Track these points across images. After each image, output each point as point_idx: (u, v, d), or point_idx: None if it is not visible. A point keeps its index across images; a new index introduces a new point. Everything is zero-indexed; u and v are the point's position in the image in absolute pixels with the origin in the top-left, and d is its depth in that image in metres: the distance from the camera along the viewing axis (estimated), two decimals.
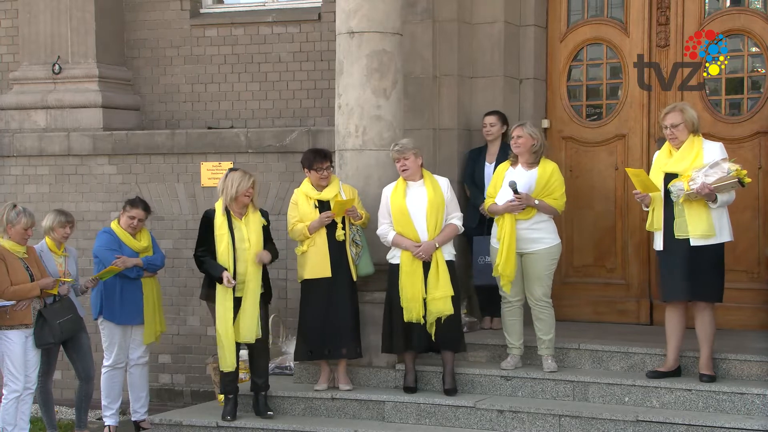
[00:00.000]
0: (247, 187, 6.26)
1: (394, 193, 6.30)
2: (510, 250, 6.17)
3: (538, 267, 6.25)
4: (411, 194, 6.28)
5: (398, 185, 6.33)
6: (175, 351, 8.12)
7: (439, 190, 6.30)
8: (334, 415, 6.36)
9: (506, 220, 6.20)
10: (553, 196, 6.29)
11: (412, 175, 6.28)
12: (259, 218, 6.39)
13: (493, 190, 6.40)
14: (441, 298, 6.16)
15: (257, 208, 6.42)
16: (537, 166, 6.35)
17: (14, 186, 8.47)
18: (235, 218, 6.32)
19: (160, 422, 6.48)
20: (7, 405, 6.43)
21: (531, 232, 6.24)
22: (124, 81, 8.60)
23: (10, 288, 6.36)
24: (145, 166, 8.30)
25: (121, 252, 6.90)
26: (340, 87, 6.73)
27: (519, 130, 6.32)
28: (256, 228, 6.34)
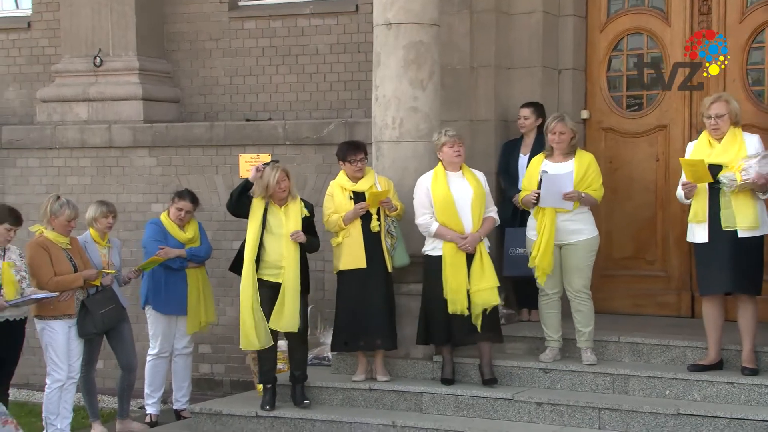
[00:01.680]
0: (274, 184, 6.26)
1: (435, 184, 6.27)
2: (548, 243, 6.13)
3: (577, 258, 6.20)
4: (454, 185, 6.26)
5: (438, 175, 6.30)
6: (215, 341, 8.20)
7: (480, 182, 6.30)
8: (372, 406, 6.38)
9: (547, 212, 6.17)
10: (593, 187, 6.25)
11: (458, 164, 6.26)
12: (299, 207, 6.42)
13: (528, 182, 6.36)
14: (487, 289, 6.15)
15: (296, 197, 6.44)
16: (572, 157, 6.30)
17: (57, 177, 8.59)
18: (274, 205, 6.36)
19: (200, 411, 6.55)
20: (50, 394, 6.54)
21: (570, 224, 6.20)
22: (163, 73, 8.68)
23: (53, 279, 6.46)
24: (185, 158, 8.38)
25: (166, 243, 6.97)
26: (377, 78, 6.74)
27: (561, 125, 6.25)
28: (296, 216, 6.36)
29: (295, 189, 6.47)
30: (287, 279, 6.28)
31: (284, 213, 6.35)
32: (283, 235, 6.30)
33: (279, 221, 6.32)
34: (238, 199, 6.38)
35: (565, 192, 6.12)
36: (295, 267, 6.29)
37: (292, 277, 6.28)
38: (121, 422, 6.97)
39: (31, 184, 8.64)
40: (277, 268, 6.29)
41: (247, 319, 6.25)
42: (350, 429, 6.17)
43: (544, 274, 6.19)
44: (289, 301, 6.26)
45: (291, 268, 6.29)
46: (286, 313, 6.26)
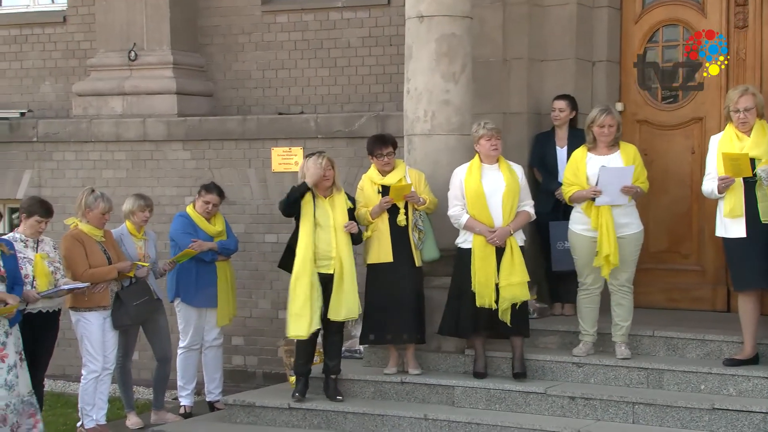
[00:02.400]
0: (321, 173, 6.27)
1: (468, 176, 6.25)
2: (615, 238, 6.05)
3: (626, 252, 6.14)
4: (487, 177, 6.24)
5: (473, 167, 6.28)
6: (248, 333, 8.26)
7: (515, 176, 6.25)
8: (404, 399, 6.39)
9: (603, 207, 6.09)
10: (640, 180, 6.19)
11: (495, 157, 6.23)
12: (344, 199, 6.43)
13: (573, 176, 6.28)
14: (517, 284, 6.12)
15: (341, 188, 6.45)
16: (617, 150, 6.24)
17: (92, 171, 8.68)
18: (319, 197, 6.38)
19: (234, 403, 6.60)
20: (86, 385, 6.62)
21: (620, 217, 6.13)
22: (197, 67, 8.74)
23: (88, 271, 6.54)
24: (218, 151, 8.43)
25: (196, 236, 7.03)
26: (409, 71, 6.72)
27: (610, 118, 6.17)
28: (342, 208, 6.38)
29: (340, 180, 6.47)
30: (343, 268, 6.29)
31: (330, 205, 6.37)
32: (331, 226, 6.31)
33: (326, 213, 6.34)
34: (297, 201, 6.36)
35: (625, 186, 6.05)
36: (349, 256, 6.31)
37: (347, 266, 6.30)
38: (156, 413, 7.04)
39: (67, 178, 8.74)
40: (327, 260, 6.31)
41: (303, 309, 6.23)
42: (382, 422, 6.18)
43: (611, 268, 6.11)
44: (348, 289, 6.28)
45: (345, 257, 6.31)
46: (346, 302, 6.27)
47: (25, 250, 6.37)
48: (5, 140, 8.89)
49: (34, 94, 9.17)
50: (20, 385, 6.02)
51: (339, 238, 6.30)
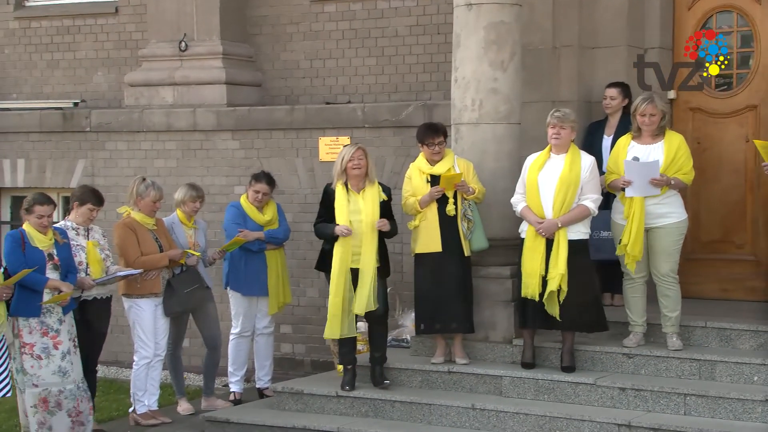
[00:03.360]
0: (349, 159, 6.30)
1: (532, 164, 6.21)
2: (639, 230, 5.99)
3: (666, 242, 6.06)
4: (548, 168, 6.17)
5: (540, 156, 6.22)
6: (296, 322, 8.31)
7: (577, 168, 6.12)
8: (451, 389, 6.38)
9: (635, 198, 6.02)
10: (683, 171, 6.08)
11: (560, 147, 6.15)
12: (376, 192, 6.43)
13: (613, 164, 6.23)
14: (561, 276, 6.05)
15: (374, 181, 6.46)
16: (661, 138, 6.14)
17: (144, 160, 8.79)
18: (352, 191, 6.39)
19: (282, 390, 6.66)
20: (138, 371, 6.74)
21: (659, 207, 6.06)
22: (246, 57, 8.79)
23: (140, 258, 6.64)
24: (266, 141, 8.48)
25: (245, 225, 7.08)
26: (457, 60, 6.69)
27: (651, 107, 6.09)
28: (373, 201, 6.38)
29: (374, 173, 6.48)
30: (364, 263, 6.30)
31: (362, 198, 6.38)
32: (361, 220, 6.32)
33: (357, 206, 6.35)
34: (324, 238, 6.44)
35: (653, 179, 5.97)
36: (372, 252, 6.32)
37: (369, 262, 6.31)
38: (207, 399, 7.13)
39: (119, 167, 8.86)
40: (356, 255, 6.33)
41: (337, 309, 6.29)
42: (429, 411, 6.19)
43: (634, 261, 6.06)
44: (365, 285, 6.29)
45: (368, 253, 6.32)
46: (362, 296, 6.29)
47: (78, 238, 6.49)
48: (59, 130, 9.04)
49: (87, 85, 9.31)
50: (75, 373, 6.16)
51: (366, 233, 6.30)
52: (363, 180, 6.39)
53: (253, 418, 6.46)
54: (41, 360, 6.02)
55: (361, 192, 6.39)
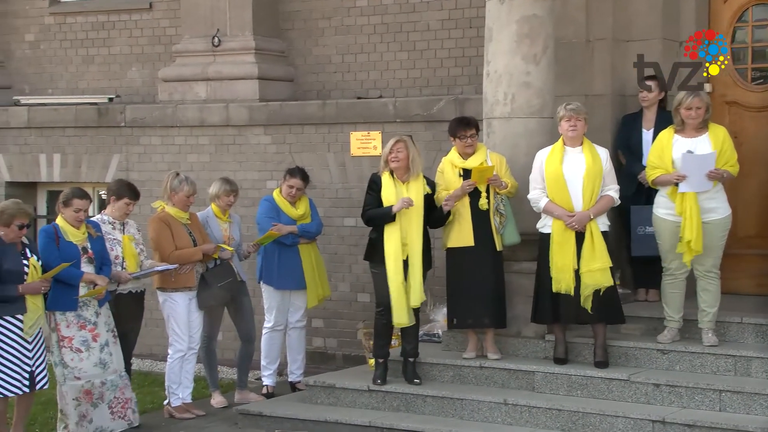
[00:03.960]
0: (388, 152, 6.30)
1: (549, 158, 6.17)
2: (699, 224, 5.92)
3: (712, 237, 6.00)
4: (568, 160, 6.14)
5: (555, 150, 6.19)
6: (328, 316, 8.34)
7: (598, 159, 6.14)
8: (483, 384, 6.37)
9: (687, 193, 5.95)
10: (730, 163, 6.02)
11: (576, 139, 6.13)
12: (421, 183, 6.42)
13: (657, 159, 6.14)
14: (599, 270, 6.02)
15: (418, 173, 6.44)
16: (705, 132, 6.07)
17: (177, 155, 8.85)
18: (397, 182, 6.40)
19: (315, 384, 6.69)
20: (172, 364, 6.80)
21: (708, 202, 5.99)
22: (278, 53, 8.81)
23: (174, 252, 6.70)
24: (298, 135, 8.50)
25: (279, 219, 7.12)
26: (489, 54, 6.66)
27: (698, 100, 6.02)
28: (417, 192, 6.38)
29: (418, 164, 6.45)
30: (413, 254, 6.30)
31: (406, 189, 6.38)
32: (407, 211, 6.31)
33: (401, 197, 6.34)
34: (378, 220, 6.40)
35: (710, 171, 5.91)
36: (419, 242, 6.32)
37: (417, 253, 6.31)
38: (240, 392, 7.19)
39: (153, 162, 8.93)
40: (404, 245, 6.33)
41: (399, 297, 6.28)
42: (461, 406, 6.18)
43: (692, 255, 5.98)
44: (416, 277, 6.30)
45: (416, 243, 6.31)
46: (415, 288, 6.29)
47: (114, 232, 6.56)
48: (94, 125, 9.13)
49: (122, 80, 9.40)
50: (116, 363, 6.24)
51: (412, 224, 6.29)
52: (406, 171, 6.39)
53: (286, 412, 6.50)
54: (81, 353, 6.11)
55: (406, 183, 6.40)
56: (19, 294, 5.83)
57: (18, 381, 5.86)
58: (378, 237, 6.37)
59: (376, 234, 6.42)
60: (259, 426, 6.48)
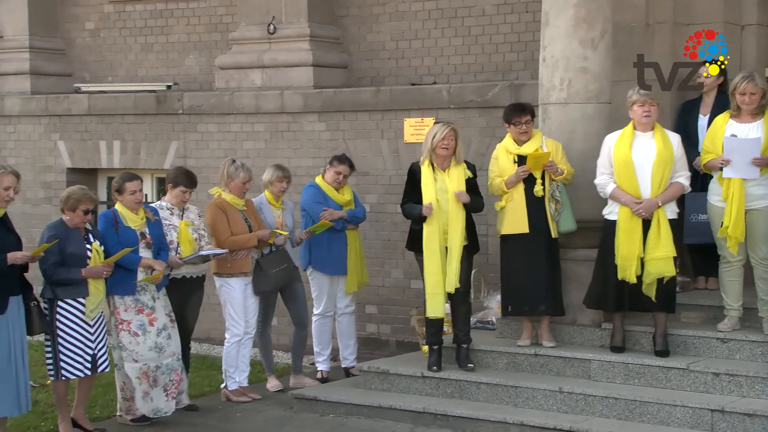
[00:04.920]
0: (441, 138, 6.28)
1: (618, 143, 6.08)
2: (740, 211, 5.83)
3: (764, 224, 5.88)
4: (638, 146, 6.04)
5: (624, 135, 6.10)
6: (381, 302, 8.37)
7: (670, 145, 6.02)
8: (538, 372, 6.34)
9: (733, 178, 5.85)
10: None
11: (648, 125, 6.04)
12: (462, 170, 6.41)
13: (710, 144, 6.05)
14: (662, 259, 5.94)
15: (461, 162, 6.43)
16: (761, 117, 5.93)
17: (233, 142, 8.95)
18: (438, 170, 6.38)
19: (368, 370, 6.72)
20: (229, 348, 6.89)
21: (759, 188, 5.88)
22: (333, 39, 8.83)
23: (230, 238, 6.78)
24: (352, 122, 8.52)
25: (326, 205, 7.16)
26: (545, 39, 6.59)
27: (752, 85, 5.90)
28: (459, 179, 6.37)
29: (462, 154, 6.45)
30: (452, 241, 6.30)
31: (447, 176, 6.36)
32: (448, 199, 6.31)
33: (443, 185, 6.34)
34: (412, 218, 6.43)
35: (754, 158, 5.78)
36: (459, 229, 6.31)
37: (457, 239, 6.30)
38: (295, 377, 7.25)
39: (210, 149, 9.03)
40: (445, 233, 6.32)
41: (435, 288, 6.30)
42: (515, 393, 6.16)
43: (737, 243, 5.89)
44: (454, 263, 6.29)
45: (456, 230, 6.31)
46: (451, 275, 6.30)
47: (171, 218, 6.66)
48: (153, 112, 9.26)
49: (180, 68, 9.52)
50: (173, 346, 6.35)
51: (453, 210, 6.27)
52: (449, 159, 6.38)
53: (340, 397, 6.55)
54: (138, 336, 6.23)
55: (447, 170, 6.38)
56: (81, 278, 5.96)
57: (80, 363, 5.99)
58: (420, 227, 6.37)
59: (417, 225, 6.43)
60: (313, 410, 6.54)
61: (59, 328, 5.94)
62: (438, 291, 6.30)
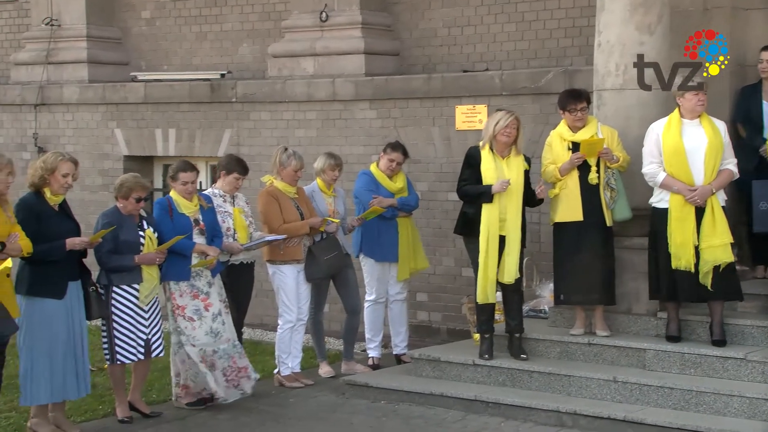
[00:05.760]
0: (504, 125, 6.24)
1: (667, 131, 6.00)
2: None
3: None
4: (687, 133, 5.96)
5: (672, 122, 6.01)
6: (432, 290, 8.36)
7: (718, 132, 5.95)
8: (591, 361, 6.28)
9: None
10: None
11: (698, 113, 5.94)
12: (521, 161, 6.37)
13: None
14: (720, 246, 5.85)
15: (520, 152, 6.38)
16: None
17: (286, 130, 8.99)
18: (497, 157, 6.35)
19: (419, 357, 6.73)
20: (282, 334, 6.96)
21: None
22: (384, 27, 8.81)
23: (282, 225, 6.84)
24: (403, 110, 8.50)
25: (378, 192, 7.17)
26: (601, 24, 6.51)
27: None
28: (518, 169, 6.33)
29: (522, 143, 6.39)
30: (511, 230, 6.26)
31: (506, 164, 6.32)
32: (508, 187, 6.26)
33: (501, 172, 6.30)
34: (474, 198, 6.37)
35: None
36: (517, 219, 6.28)
37: (516, 229, 6.27)
38: (347, 363, 7.29)
39: (263, 137, 9.09)
40: (501, 221, 6.29)
41: (487, 274, 6.28)
42: (569, 382, 6.12)
43: None
44: (513, 253, 6.26)
45: (514, 219, 6.28)
46: (509, 265, 6.27)
47: (225, 205, 6.74)
48: (207, 101, 9.36)
49: (233, 56, 9.59)
50: (228, 332, 6.43)
51: (511, 200, 6.23)
52: (509, 148, 6.33)
53: (391, 383, 6.57)
54: (194, 321, 6.32)
55: (506, 159, 6.34)
56: (135, 264, 6.06)
57: (134, 348, 6.09)
58: (475, 212, 6.33)
59: (473, 209, 6.38)
60: (365, 396, 6.58)
61: (114, 314, 6.06)
62: (490, 277, 6.27)
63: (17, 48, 10.62)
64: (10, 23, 10.80)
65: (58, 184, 5.75)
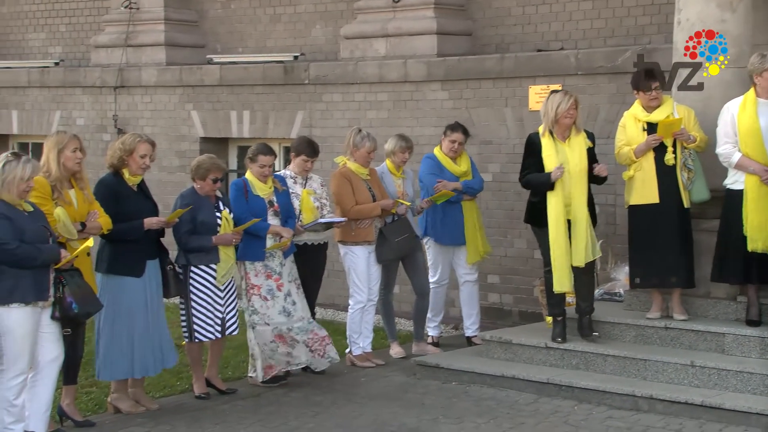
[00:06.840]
0: (566, 108, 6.14)
1: (742, 111, 5.84)
2: None
3: None
4: (763, 113, 5.79)
5: (747, 102, 5.85)
6: (503, 272, 8.31)
7: None
8: (668, 345, 6.17)
9: None
10: None
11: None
12: (582, 140, 6.27)
13: None
14: None
15: (580, 130, 6.28)
16: None
17: (357, 111, 9.01)
18: (558, 140, 6.26)
19: (491, 339, 6.71)
20: (353, 314, 7.02)
21: None
22: (457, 6, 8.74)
23: (355, 207, 6.87)
24: (475, 91, 8.43)
25: (442, 176, 7.15)
26: (680, 1, 6.34)
27: None
28: (580, 150, 6.23)
29: (581, 122, 6.29)
30: (576, 213, 6.18)
31: (568, 146, 6.23)
32: (569, 170, 6.18)
33: (564, 156, 6.22)
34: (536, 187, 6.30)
35: None
36: (582, 201, 6.20)
37: (581, 211, 6.19)
38: (417, 344, 7.32)
39: (334, 118, 9.14)
40: (567, 205, 6.22)
41: (562, 261, 6.22)
42: (644, 366, 6.02)
43: None
44: (581, 236, 6.19)
45: (579, 202, 6.20)
46: (579, 248, 6.20)
47: (294, 186, 6.81)
48: (280, 83, 9.44)
49: (306, 38, 9.64)
50: (300, 311, 6.51)
51: (575, 182, 6.13)
52: (570, 129, 6.24)
53: (462, 365, 6.57)
54: (267, 300, 6.42)
55: (567, 140, 6.24)
56: (212, 245, 6.18)
57: (211, 326, 6.22)
58: (540, 200, 6.26)
59: (537, 198, 6.31)
60: (435, 377, 6.59)
61: (192, 293, 6.19)
62: (564, 264, 6.20)
63: (97, 31, 10.89)
64: (90, 6, 11.07)
65: (137, 164, 5.89)
